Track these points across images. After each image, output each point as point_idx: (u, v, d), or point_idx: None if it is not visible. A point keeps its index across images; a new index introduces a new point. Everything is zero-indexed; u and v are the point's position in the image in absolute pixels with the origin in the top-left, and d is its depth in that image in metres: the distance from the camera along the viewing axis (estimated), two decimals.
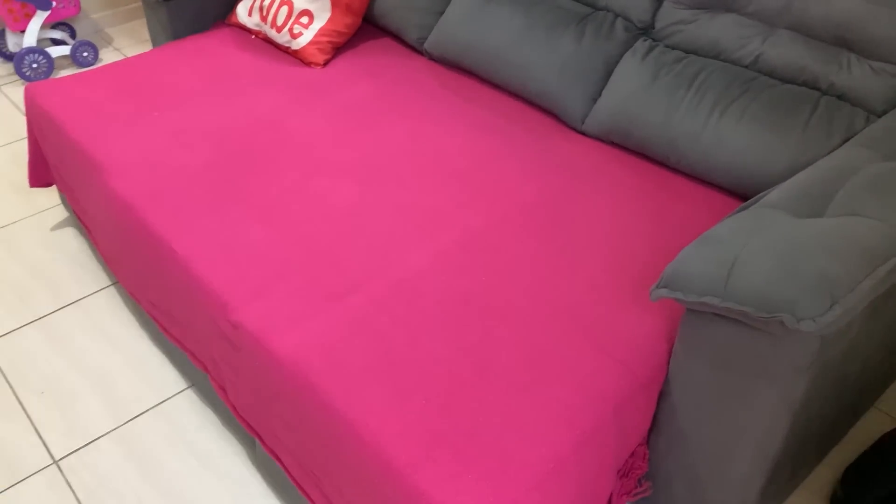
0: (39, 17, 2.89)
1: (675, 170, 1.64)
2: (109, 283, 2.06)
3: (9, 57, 3.12)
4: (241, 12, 2.27)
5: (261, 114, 1.89)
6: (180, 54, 2.15)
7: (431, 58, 2.10)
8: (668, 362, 1.25)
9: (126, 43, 3.28)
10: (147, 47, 3.22)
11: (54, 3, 2.90)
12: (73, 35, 3.22)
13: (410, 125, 1.84)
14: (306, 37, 2.12)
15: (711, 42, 1.63)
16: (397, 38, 2.21)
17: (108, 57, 3.16)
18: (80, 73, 2.07)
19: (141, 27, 3.41)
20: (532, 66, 1.81)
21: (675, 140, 1.57)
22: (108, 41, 3.30)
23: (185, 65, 2.10)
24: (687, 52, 1.66)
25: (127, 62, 2.12)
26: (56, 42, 3.20)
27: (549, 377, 1.22)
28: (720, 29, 1.62)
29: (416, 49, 2.14)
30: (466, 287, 1.38)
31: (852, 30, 1.44)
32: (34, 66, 2.94)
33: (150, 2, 2.19)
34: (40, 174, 2.14)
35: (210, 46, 2.19)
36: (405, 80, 2.02)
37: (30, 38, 2.91)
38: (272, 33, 2.18)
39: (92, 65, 3.10)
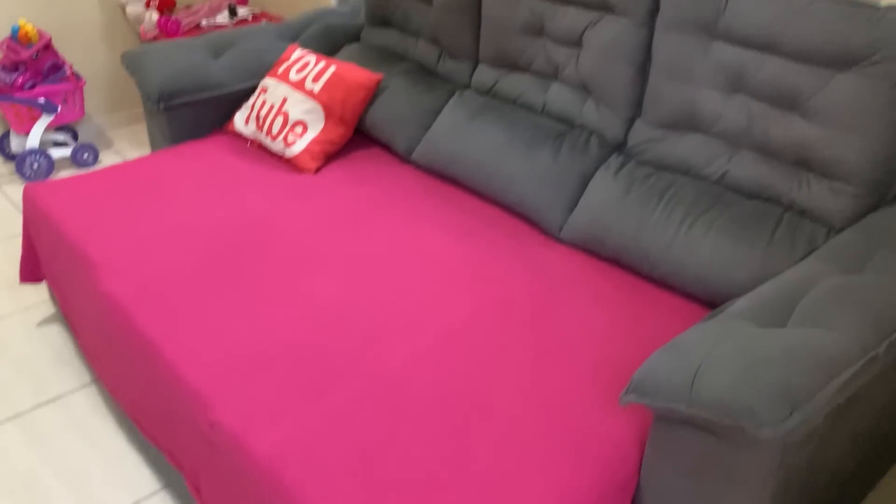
0: (44, 121, 3.01)
1: (648, 278, 1.70)
2: (90, 380, 2.06)
3: (10, 157, 3.22)
4: (238, 121, 2.38)
5: (253, 215, 1.96)
6: (177, 159, 2.24)
7: (419, 167, 2.20)
8: (641, 467, 1.26)
9: (126, 146, 3.40)
10: (146, 151, 3.34)
11: (59, 108, 3.03)
12: (75, 137, 3.35)
13: (396, 227, 1.91)
14: (300, 145, 2.22)
15: (680, 159, 1.73)
16: (387, 148, 2.32)
17: (107, 159, 3.27)
18: (78, 175, 2.15)
19: (141, 131, 3.54)
20: (513, 178, 1.90)
21: (647, 250, 1.64)
22: (109, 144, 3.42)
23: (182, 169, 2.18)
24: (658, 167, 1.76)
25: (125, 165, 2.21)
26: (58, 143, 3.31)
27: (525, 479, 1.23)
28: (688, 147, 1.72)
29: (405, 158, 2.25)
30: (445, 387, 1.41)
31: (809, 152, 1.54)
32: (35, 166, 3.04)
33: (151, 109, 2.30)
34: (31, 270, 2.19)
35: (206, 152, 2.28)
36: (393, 186, 2.11)
37: (33, 140, 3.02)
38: (267, 141, 2.28)
39: (91, 166, 3.20)
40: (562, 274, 1.73)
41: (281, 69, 2.35)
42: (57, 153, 3.11)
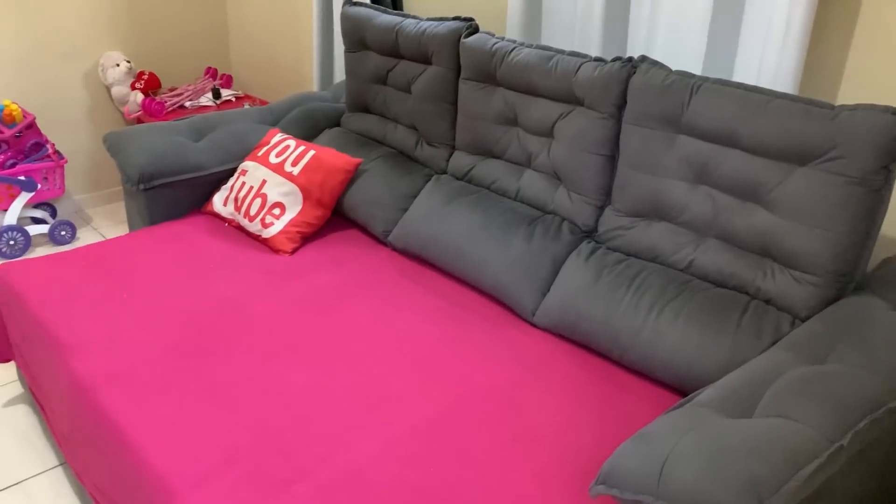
0: (23, 198, 3.02)
1: (619, 363, 1.72)
2: (56, 463, 2.01)
3: None
4: (217, 202, 2.41)
5: (227, 297, 1.97)
6: (154, 239, 2.25)
7: (395, 249, 2.23)
8: None
9: (104, 223, 3.41)
10: (125, 229, 3.35)
11: (39, 186, 3.05)
12: (53, 214, 3.36)
13: (371, 311, 1.92)
14: (277, 227, 2.25)
15: (649, 247, 1.77)
16: (364, 230, 2.35)
17: (85, 236, 3.28)
18: (53, 255, 2.15)
19: (120, 209, 3.56)
20: (487, 262, 1.93)
21: (617, 335, 1.66)
22: (87, 221, 3.43)
23: (158, 249, 2.19)
24: (627, 254, 1.80)
25: (101, 245, 2.22)
26: (36, 220, 3.32)
27: None
28: (656, 235, 1.77)
29: (381, 241, 2.27)
30: (416, 477, 1.39)
31: (773, 242, 1.59)
32: (11, 243, 3.03)
33: (130, 189, 2.32)
34: (1, 350, 2.16)
35: (184, 232, 2.30)
36: (369, 268, 2.13)
37: (11, 216, 3.03)
38: (244, 222, 2.31)
39: (69, 243, 3.20)
40: (535, 359, 1.74)
41: (261, 152, 2.40)
42: (34, 230, 3.11)
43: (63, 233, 3.18)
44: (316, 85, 3.09)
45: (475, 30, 2.18)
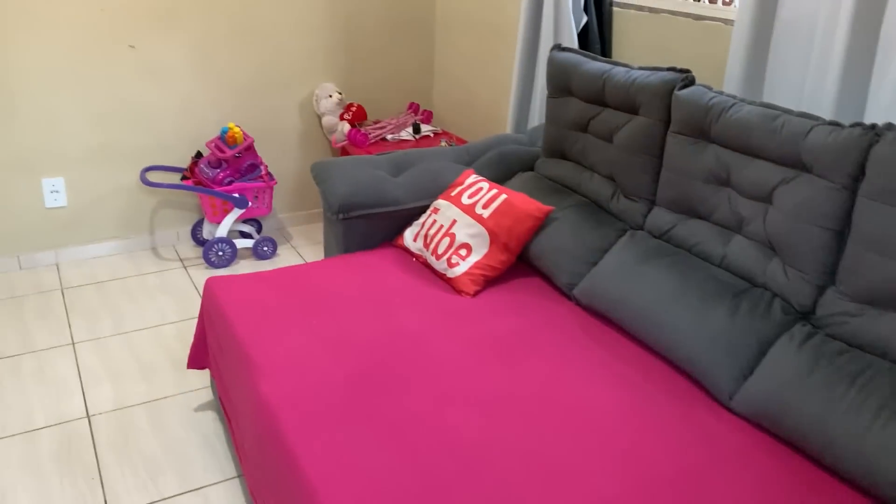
0: (234, 214, 3.26)
1: (831, 470, 1.50)
2: (235, 474, 2.10)
3: (200, 242, 3.50)
4: (408, 237, 2.45)
5: (408, 333, 1.97)
6: (347, 267, 2.32)
7: (579, 304, 2.13)
8: None
9: (303, 242, 3.61)
10: (320, 248, 3.52)
11: (250, 204, 3.27)
12: (259, 230, 3.60)
13: (549, 368, 1.83)
14: (462, 267, 2.23)
15: (879, 340, 1.54)
16: (548, 279, 2.28)
17: (284, 253, 3.48)
18: (255, 273, 2.28)
19: (317, 230, 3.75)
20: (682, 332, 1.78)
21: (832, 440, 1.45)
22: (288, 238, 3.65)
23: (350, 277, 2.25)
24: (851, 345, 1.58)
25: (299, 268, 2.32)
26: (243, 234, 3.57)
27: None
28: (889, 327, 1.54)
29: (565, 293, 2.19)
30: None
31: None
32: (220, 253, 3.27)
33: (330, 218, 2.41)
34: (199, 358, 2.31)
35: (375, 263, 2.35)
36: (550, 321, 2.05)
37: (222, 230, 3.27)
38: (431, 259, 2.32)
39: (270, 258, 3.41)
40: (729, 449, 1.56)
41: (454, 192, 2.40)
42: (241, 244, 3.34)
43: (265, 248, 3.39)
44: (510, 126, 3.08)
45: (691, 82, 2.05)
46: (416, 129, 3.56)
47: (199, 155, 3.34)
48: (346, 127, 3.48)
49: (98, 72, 3.10)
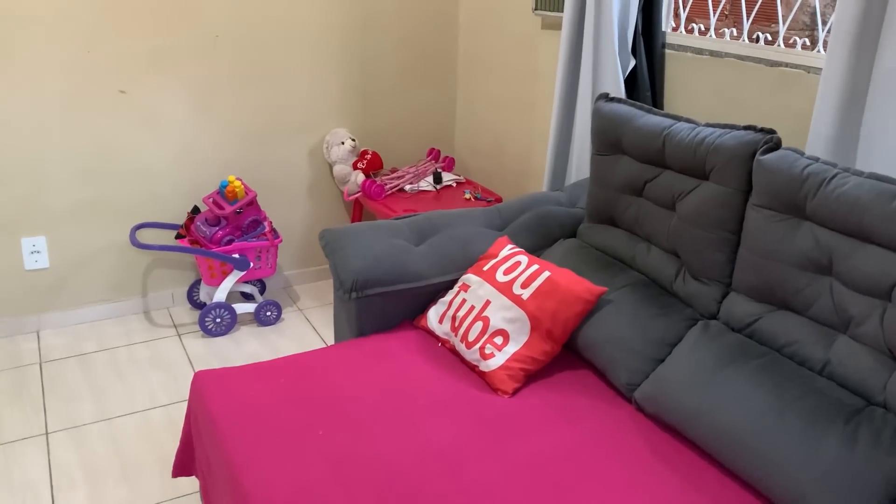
0: (235, 277, 2.92)
1: None
2: None
3: (198, 305, 3.17)
4: (432, 317, 2.10)
5: (437, 449, 1.61)
6: (361, 355, 1.97)
7: (641, 409, 1.77)
8: None
9: (310, 304, 3.26)
10: (329, 312, 3.17)
11: (252, 265, 2.94)
12: (262, 289, 3.26)
13: (614, 499, 1.47)
14: (498, 360, 1.88)
15: None
16: (600, 374, 1.92)
17: (290, 318, 3.13)
18: (254, 366, 1.93)
19: (327, 289, 3.40)
20: (782, 464, 1.42)
21: None
22: (294, 299, 3.30)
23: (365, 370, 1.90)
24: None
25: (304, 358, 1.97)
26: (245, 295, 3.24)
27: None
28: None
29: (623, 394, 1.83)
30: None
31: None
32: (218, 320, 2.93)
33: (342, 295, 2.07)
34: (185, 463, 1.96)
35: (394, 350, 2.00)
36: (608, 434, 1.69)
37: (221, 294, 2.93)
38: (461, 347, 1.96)
39: (274, 324, 3.06)
40: None
41: (487, 266, 2.06)
42: (241, 308, 3.00)
43: (269, 313, 3.05)
44: (546, 182, 2.74)
45: (776, 145, 1.71)
46: (438, 179, 3.23)
47: (196, 210, 3.02)
48: (360, 177, 3.15)
49: (85, 119, 2.79)
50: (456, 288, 2.09)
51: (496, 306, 1.95)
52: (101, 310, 3.05)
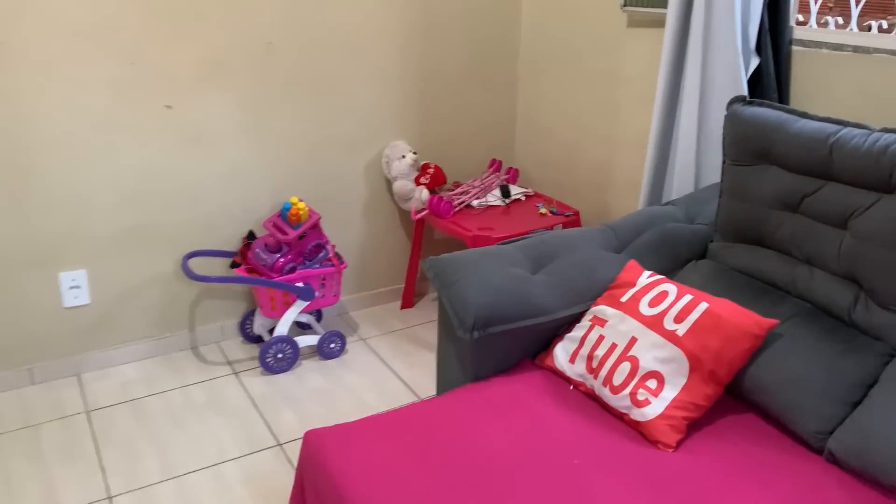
0: (298, 307, 2.65)
1: None
2: None
3: (251, 338, 2.89)
4: (560, 356, 1.84)
5: None
6: (486, 404, 1.71)
7: (835, 461, 1.52)
8: None
9: (372, 332, 2.99)
10: (394, 341, 2.90)
11: (317, 294, 2.67)
12: (319, 318, 2.99)
13: None
14: (655, 407, 1.63)
15: None
16: (775, 420, 1.67)
17: (354, 349, 2.86)
18: (367, 420, 1.66)
19: (386, 315, 3.14)
20: None
21: None
22: (354, 328, 3.03)
23: (498, 422, 1.64)
24: None
25: (427, 408, 1.70)
26: (300, 325, 2.96)
27: None
28: None
29: (809, 444, 1.58)
30: None
31: None
32: (279, 356, 2.66)
33: (461, 335, 1.80)
34: None
35: (521, 396, 1.74)
36: (807, 496, 1.44)
37: (283, 327, 2.66)
38: (603, 392, 1.71)
39: (337, 357, 2.79)
40: None
41: (625, 297, 1.81)
42: (303, 342, 2.73)
43: (332, 345, 2.77)
44: (644, 194, 2.49)
45: None
46: (506, 192, 2.97)
47: (251, 235, 2.74)
48: (425, 193, 2.88)
49: (128, 138, 2.51)
50: (587, 322, 1.84)
51: (645, 344, 1.70)
52: (146, 347, 2.76)
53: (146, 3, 2.40)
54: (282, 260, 2.58)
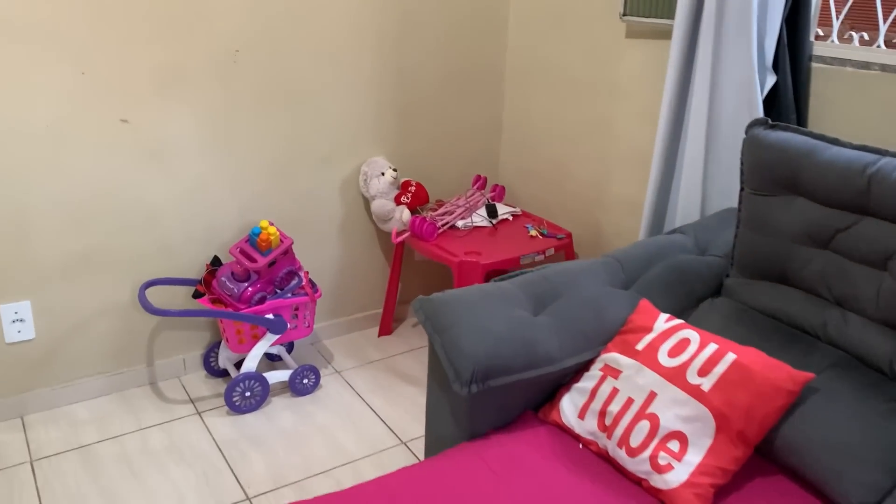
0: (268, 341, 2.42)
1: None
2: None
3: (215, 372, 2.65)
4: (568, 410, 1.64)
5: None
6: (488, 469, 1.51)
7: None
8: None
9: (348, 363, 2.77)
10: (370, 373, 2.68)
11: (289, 326, 2.44)
12: (290, 349, 2.75)
13: None
14: (679, 473, 1.44)
15: None
16: (808, 483, 1.49)
17: (328, 384, 2.63)
18: (350, 492, 1.45)
19: (362, 342, 2.92)
20: None
21: None
22: (328, 359, 2.81)
23: (502, 491, 1.44)
24: None
25: (415, 475, 1.49)
26: (270, 356, 2.73)
27: None
28: None
29: None
30: None
31: None
32: (247, 394, 2.42)
33: (457, 388, 1.59)
34: None
35: (525, 457, 1.54)
36: None
37: (251, 362, 2.42)
38: (619, 454, 1.52)
39: (311, 393, 2.56)
40: None
41: (641, 343, 1.61)
42: (273, 378, 2.49)
43: (306, 381, 2.55)
44: (646, 218, 2.31)
45: None
46: (492, 212, 2.77)
47: (216, 262, 2.50)
48: (407, 214, 2.67)
49: (78, 155, 2.25)
50: (597, 371, 1.64)
51: (666, 400, 1.51)
52: (99, 384, 2.50)
53: (96, 6, 2.15)
54: (250, 289, 2.35)
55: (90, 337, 2.45)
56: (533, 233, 2.66)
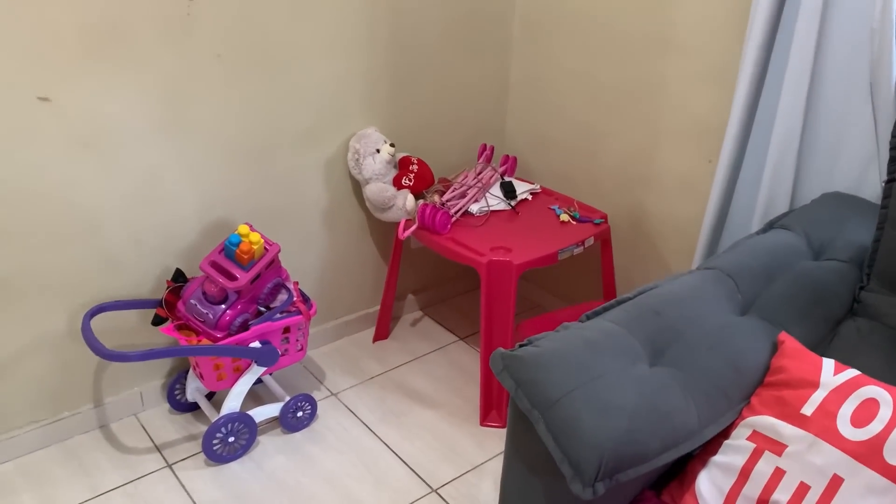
0: (254, 374, 1.92)
1: None
2: None
3: (182, 406, 2.13)
4: (708, 494, 1.24)
5: None
6: None
7: None
8: None
9: (344, 382, 2.30)
10: (373, 391, 2.22)
11: (280, 352, 1.94)
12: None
13: None
14: None
15: None
16: None
17: (325, 411, 2.16)
18: None
19: (357, 353, 2.44)
20: None
21: None
22: (319, 376, 2.32)
23: None
24: None
25: None
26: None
27: None
28: None
29: None
30: None
31: None
32: (230, 439, 1.93)
33: (580, 491, 1.15)
34: None
35: None
36: None
37: (234, 401, 1.93)
38: None
39: (305, 427, 2.09)
40: None
41: (809, 407, 1.21)
42: (260, 415, 2.00)
43: (300, 414, 2.07)
44: (715, 200, 1.91)
45: None
46: (509, 192, 2.31)
47: (179, 276, 1.95)
48: (411, 201, 2.18)
49: None
50: (745, 442, 1.23)
51: (858, 487, 1.12)
52: (35, 437, 1.96)
53: None
54: (229, 313, 1.83)
55: (18, 379, 1.89)
56: (564, 217, 2.21)
